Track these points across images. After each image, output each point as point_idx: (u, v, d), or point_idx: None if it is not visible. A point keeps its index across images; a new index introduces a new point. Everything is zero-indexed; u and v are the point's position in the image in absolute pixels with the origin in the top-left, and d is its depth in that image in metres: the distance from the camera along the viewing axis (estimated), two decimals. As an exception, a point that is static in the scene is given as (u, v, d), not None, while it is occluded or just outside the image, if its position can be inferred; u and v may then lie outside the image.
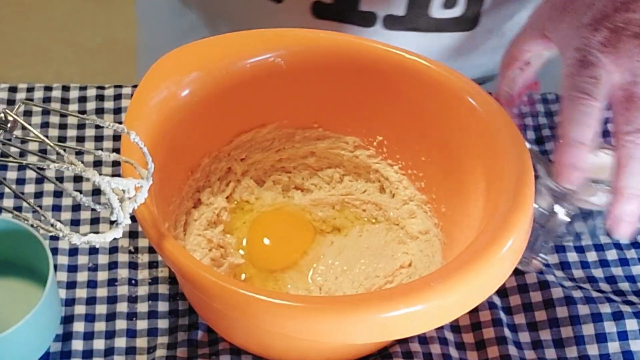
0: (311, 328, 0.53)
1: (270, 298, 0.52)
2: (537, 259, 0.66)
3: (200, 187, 0.71)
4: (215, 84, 0.67)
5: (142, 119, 0.63)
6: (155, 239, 0.56)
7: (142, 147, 0.52)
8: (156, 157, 0.62)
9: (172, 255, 0.56)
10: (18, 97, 0.80)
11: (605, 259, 0.71)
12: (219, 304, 0.54)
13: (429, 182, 0.69)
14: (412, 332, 0.55)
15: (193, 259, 0.56)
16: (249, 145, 0.72)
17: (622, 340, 0.65)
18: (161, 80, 0.65)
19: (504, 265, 0.55)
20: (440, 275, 0.53)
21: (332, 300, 0.55)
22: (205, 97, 0.67)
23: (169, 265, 0.57)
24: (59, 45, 1.94)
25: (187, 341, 0.65)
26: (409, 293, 0.52)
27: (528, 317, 0.67)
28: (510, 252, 0.54)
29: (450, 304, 0.53)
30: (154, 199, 0.60)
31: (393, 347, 0.65)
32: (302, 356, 0.64)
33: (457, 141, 0.65)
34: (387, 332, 0.54)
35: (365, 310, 0.52)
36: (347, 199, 0.72)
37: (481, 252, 0.54)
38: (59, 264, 0.69)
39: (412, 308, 0.52)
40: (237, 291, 0.53)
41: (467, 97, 0.64)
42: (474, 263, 0.53)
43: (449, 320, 0.55)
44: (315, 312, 0.52)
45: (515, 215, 0.55)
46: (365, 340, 0.55)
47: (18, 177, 0.75)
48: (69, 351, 0.65)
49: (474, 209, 0.61)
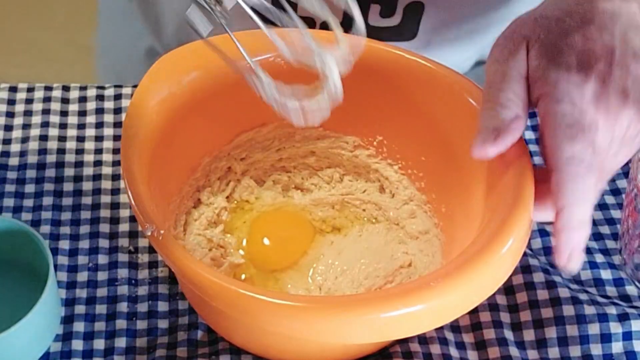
0: (310, 328, 0.53)
1: (269, 298, 0.52)
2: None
3: (200, 186, 0.71)
4: (215, 84, 0.67)
5: (142, 119, 0.63)
6: (155, 238, 0.56)
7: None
8: (156, 156, 0.63)
9: (172, 255, 0.56)
10: (18, 97, 0.80)
11: (612, 262, 0.71)
12: (218, 303, 0.54)
13: (429, 182, 0.69)
14: (411, 333, 0.55)
15: (193, 258, 0.56)
16: (249, 145, 0.72)
17: (626, 341, 0.65)
18: (162, 80, 0.65)
19: (504, 265, 0.55)
20: (440, 275, 0.53)
21: (331, 300, 0.55)
22: (205, 96, 0.67)
23: (169, 265, 0.57)
24: (60, 45, 1.94)
25: (187, 341, 0.65)
26: (408, 293, 0.52)
27: (534, 314, 0.67)
28: (511, 252, 0.54)
29: (450, 304, 0.53)
30: (154, 198, 0.60)
31: (393, 347, 0.65)
32: (302, 356, 0.64)
33: (457, 141, 0.65)
34: (387, 332, 0.54)
35: (365, 310, 0.52)
36: (347, 199, 0.72)
37: (481, 252, 0.54)
38: (59, 264, 0.69)
39: (412, 308, 0.52)
40: (237, 291, 0.53)
41: (467, 96, 0.64)
42: (474, 263, 0.53)
43: (448, 321, 0.55)
44: (314, 311, 0.52)
45: (515, 215, 0.55)
46: (364, 341, 0.55)
47: (18, 177, 0.75)
48: (69, 351, 0.65)
49: (474, 209, 0.61)
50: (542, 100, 0.55)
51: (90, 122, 0.79)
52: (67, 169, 0.75)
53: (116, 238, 0.71)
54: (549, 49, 0.56)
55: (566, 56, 0.55)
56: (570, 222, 0.54)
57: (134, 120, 0.62)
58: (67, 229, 0.72)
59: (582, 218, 0.54)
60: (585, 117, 0.54)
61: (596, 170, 0.54)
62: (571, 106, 0.54)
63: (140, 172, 0.60)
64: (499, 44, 0.58)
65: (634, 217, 0.67)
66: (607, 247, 0.72)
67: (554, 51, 0.55)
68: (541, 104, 0.55)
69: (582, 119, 0.54)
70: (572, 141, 0.53)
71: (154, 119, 0.63)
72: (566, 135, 0.53)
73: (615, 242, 0.72)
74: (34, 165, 0.76)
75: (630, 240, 0.68)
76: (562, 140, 0.54)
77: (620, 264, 0.71)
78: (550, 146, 0.54)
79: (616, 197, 0.75)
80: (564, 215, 0.53)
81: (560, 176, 0.54)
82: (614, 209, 0.74)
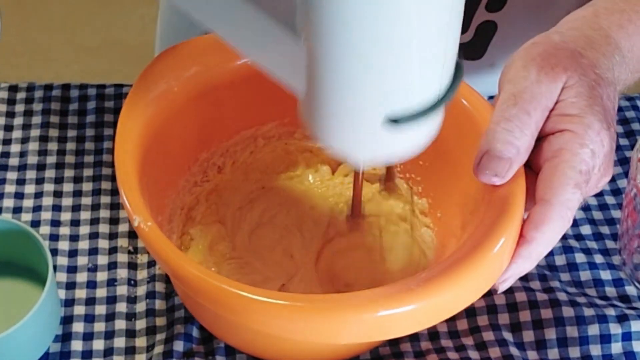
0: (293, 327, 0.53)
1: (253, 295, 0.52)
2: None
3: (198, 181, 0.70)
4: (215, 81, 0.67)
5: (139, 111, 0.63)
6: (142, 229, 0.56)
7: None
8: (151, 149, 0.62)
9: (157, 247, 0.56)
10: (18, 97, 0.80)
11: (611, 263, 0.71)
12: (201, 298, 0.54)
13: (427, 187, 0.69)
14: (400, 333, 0.55)
15: (177, 251, 0.56)
16: (249, 142, 0.72)
17: (625, 341, 0.65)
18: (160, 75, 0.65)
19: (494, 267, 0.55)
20: (429, 275, 0.53)
21: (316, 300, 0.55)
22: (204, 92, 0.67)
23: (153, 256, 0.57)
24: (59, 45, 1.94)
25: (183, 335, 0.65)
26: (396, 294, 0.52)
27: (534, 314, 0.67)
28: (501, 253, 0.54)
29: (439, 305, 0.53)
30: (146, 191, 0.60)
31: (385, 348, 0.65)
32: (294, 356, 0.64)
33: (453, 146, 0.65)
34: (378, 332, 0.54)
35: (352, 310, 0.52)
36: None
37: (471, 253, 0.54)
38: (59, 265, 0.69)
39: (399, 309, 0.52)
40: (219, 286, 0.53)
41: (464, 100, 0.64)
42: (463, 264, 0.53)
43: (439, 321, 0.55)
44: (299, 311, 0.52)
45: (506, 217, 0.55)
46: (351, 340, 0.55)
47: (18, 177, 0.75)
48: (69, 351, 0.65)
49: (467, 216, 0.61)
50: (566, 135, 0.55)
51: (90, 121, 0.79)
52: (67, 169, 0.75)
53: (116, 238, 0.71)
54: (585, 92, 0.56)
55: (598, 106, 0.56)
56: (532, 255, 0.55)
57: (131, 112, 0.62)
58: (67, 229, 0.72)
59: (541, 256, 0.55)
60: (594, 170, 0.55)
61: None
62: (591, 155, 0.55)
63: (133, 164, 0.60)
64: (536, 62, 0.57)
65: (634, 217, 0.67)
66: (607, 248, 0.72)
67: (589, 97, 0.56)
68: (562, 138, 0.55)
69: (592, 171, 0.55)
70: (576, 188, 0.54)
71: (150, 112, 0.63)
72: (574, 179, 0.54)
73: (615, 243, 0.72)
74: (34, 166, 0.76)
75: (629, 240, 0.68)
76: (567, 183, 0.54)
77: (619, 264, 0.71)
78: (551, 179, 0.55)
79: (616, 197, 0.75)
80: (530, 246, 0.55)
81: (547, 209, 0.54)
82: (613, 209, 0.74)
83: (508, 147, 0.54)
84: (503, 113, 0.55)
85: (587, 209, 0.74)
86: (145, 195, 0.59)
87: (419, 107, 0.49)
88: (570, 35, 0.59)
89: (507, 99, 0.56)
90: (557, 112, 0.56)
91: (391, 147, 0.51)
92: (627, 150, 0.78)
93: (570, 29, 0.59)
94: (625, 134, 0.80)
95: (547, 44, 0.57)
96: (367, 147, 0.51)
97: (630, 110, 0.81)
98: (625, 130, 0.80)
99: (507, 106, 0.55)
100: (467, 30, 0.78)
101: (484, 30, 0.78)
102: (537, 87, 0.56)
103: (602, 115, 0.56)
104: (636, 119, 0.80)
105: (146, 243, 0.57)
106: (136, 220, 0.56)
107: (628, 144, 0.79)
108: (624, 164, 0.77)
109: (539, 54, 0.57)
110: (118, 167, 0.59)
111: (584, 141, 0.55)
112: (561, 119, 0.56)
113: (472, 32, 0.78)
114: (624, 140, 0.79)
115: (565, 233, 0.71)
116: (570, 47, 0.58)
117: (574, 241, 0.72)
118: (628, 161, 0.77)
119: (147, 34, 1.92)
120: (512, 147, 0.54)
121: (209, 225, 0.69)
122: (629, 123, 0.80)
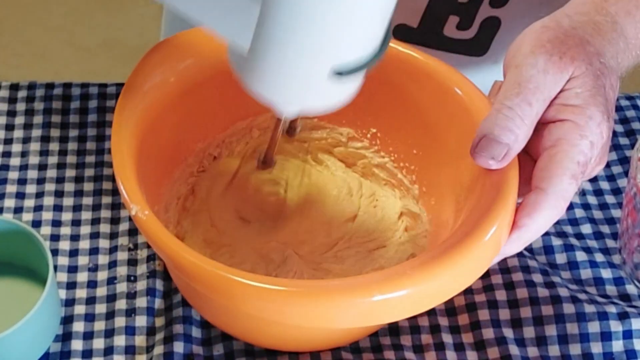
0: (289, 312, 0.53)
1: (251, 281, 0.53)
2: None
3: (194, 172, 0.71)
4: (211, 72, 0.67)
5: (135, 102, 0.63)
6: (139, 218, 0.57)
7: None
8: (146, 140, 0.63)
9: (154, 235, 0.56)
10: (19, 96, 0.80)
11: (612, 262, 0.71)
12: (198, 285, 0.55)
13: (420, 175, 0.70)
14: (395, 318, 0.56)
15: (174, 239, 0.56)
16: (245, 133, 0.72)
17: (626, 339, 0.65)
18: (155, 67, 0.65)
19: (487, 251, 0.55)
20: (423, 260, 0.54)
21: (311, 285, 0.56)
22: (200, 84, 0.67)
23: (151, 245, 0.57)
24: (59, 45, 1.94)
25: (183, 335, 0.65)
26: (391, 278, 0.53)
27: (534, 310, 0.67)
28: (494, 239, 0.55)
29: (434, 289, 0.54)
30: (143, 181, 0.60)
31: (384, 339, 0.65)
32: (292, 343, 0.64)
33: (446, 135, 0.65)
34: (373, 316, 0.54)
35: (347, 295, 0.52)
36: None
37: (465, 238, 0.54)
38: (59, 265, 0.69)
39: (394, 294, 0.52)
40: (216, 272, 0.53)
41: (456, 89, 0.64)
42: (457, 249, 0.54)
43: (433, 305, 0.55)
44: (295, 296, 0.52)
45: (498, 205, 0.56)
46: (347, 325, 0.55)
47: (19, 177, 0.75)
48: (69, 351, 0.65)
49: (461, 203, 0.62)
50: (567, 125, 0.56)
51: (92, 121, 0.79)
52: (68, 169, 0.75)
53: (116, 238, 0.71)
54: (590, 83, 0.56)
55: (600, 97, 0.56)
56: (521, 240, 0.56)
57: (127, 102, 0.62)
58: (68, 229, 0.72)
59: (530, 241, 0.56)
60: (591, 161, 0.56)
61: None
62: (590, 147, 0.55)
63: (130, 154, 0.60)
64: (546, 49, 0.57)
65: (634, 216, 0.67)
66: (607, 247, 0.72)
67: (592, 88, 0.56)
68: (562, 127, 0.56)
69: (589, 162, 0.56)
70: (572, 179, 0.55)
71: (146, 102, 0.63)
72: (571, 170, 0.55)
73: (615, 242, 0.72)
74: (35, 166, 0.76)
75: (629, 239, 0.68)
76: (564, 174, 0.55)
77: (619, 263, 0.71)
78: (548, 168, 0.55)
79: (616, 196, 0.75)
80: (520, 231, 0.55)
81: (541, 198, 0.55)
82: (614, 208, 0.74)
83: (507, 133, 0.55)
84: (505, 101, 0.56)
85: (587, 208, 0.74)
86: (142, 185, 0.60)
87: (362, 61, 0.51)
88: (578, 21, 0.59)
89: (511, 87, 0.56)
90: (560, 102, 0.56)
91: (327, 98, 0.54)
92: (627, 150, 0.78)
93: (579, 14, 0.59)
94: (625, 133, 0.80)
95: (557, 29, 0.57)
96: (307, 98, 0.54)
97: (631, 109, 0.81)
98: (625, 130, 0.80)
99: (510, 94, 0.56)
100: (470, 26, 0.78)
101: (488, 27, 0.78)
102: (542, 77, 0.56)
103: (604, 106, 0.56)
104: (636, 118, 0.80)
105: (143, 231, 0.57)
106: (134, 209, 0.56)
107: (628, 143, 0.79)
108: (624, 164, 0.77)
109: (549, 40, 0.57)
110: (115, 156, 0.59)
111: (584, 132, 0.55)
112: (564, 108, 0.56)
113: (476, 28, 0.78)
114: (624, 140, 0.79)
115: (566, 232, 0.72)
116: (579, 33, 0.58)
117: (574, 240, 0.72)
118: (628, 161, 0.77)
119: (147, 34, 1.93)
120: (512, 133, 0.55)
121: (197, 215, 0.70)
122: (629, 122, 0.80)
